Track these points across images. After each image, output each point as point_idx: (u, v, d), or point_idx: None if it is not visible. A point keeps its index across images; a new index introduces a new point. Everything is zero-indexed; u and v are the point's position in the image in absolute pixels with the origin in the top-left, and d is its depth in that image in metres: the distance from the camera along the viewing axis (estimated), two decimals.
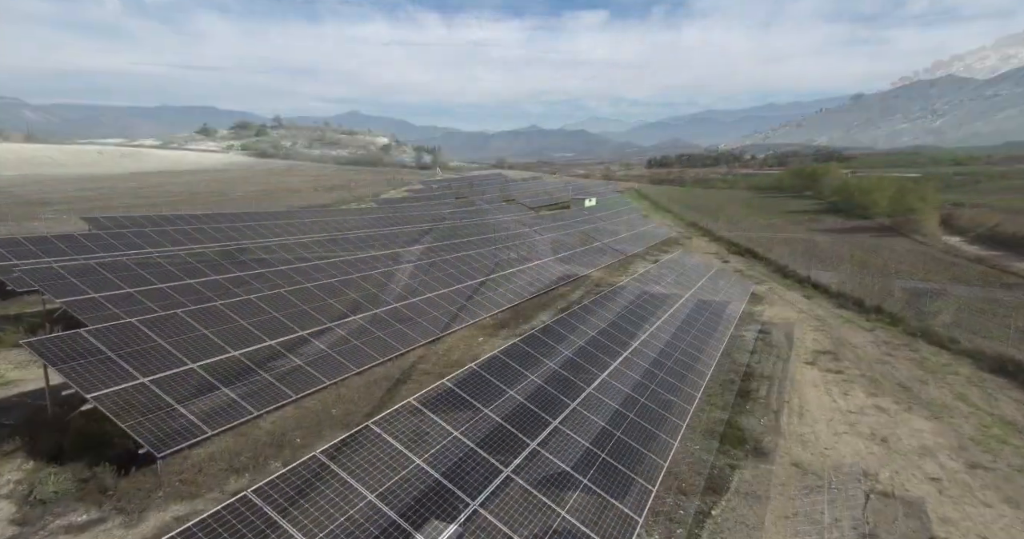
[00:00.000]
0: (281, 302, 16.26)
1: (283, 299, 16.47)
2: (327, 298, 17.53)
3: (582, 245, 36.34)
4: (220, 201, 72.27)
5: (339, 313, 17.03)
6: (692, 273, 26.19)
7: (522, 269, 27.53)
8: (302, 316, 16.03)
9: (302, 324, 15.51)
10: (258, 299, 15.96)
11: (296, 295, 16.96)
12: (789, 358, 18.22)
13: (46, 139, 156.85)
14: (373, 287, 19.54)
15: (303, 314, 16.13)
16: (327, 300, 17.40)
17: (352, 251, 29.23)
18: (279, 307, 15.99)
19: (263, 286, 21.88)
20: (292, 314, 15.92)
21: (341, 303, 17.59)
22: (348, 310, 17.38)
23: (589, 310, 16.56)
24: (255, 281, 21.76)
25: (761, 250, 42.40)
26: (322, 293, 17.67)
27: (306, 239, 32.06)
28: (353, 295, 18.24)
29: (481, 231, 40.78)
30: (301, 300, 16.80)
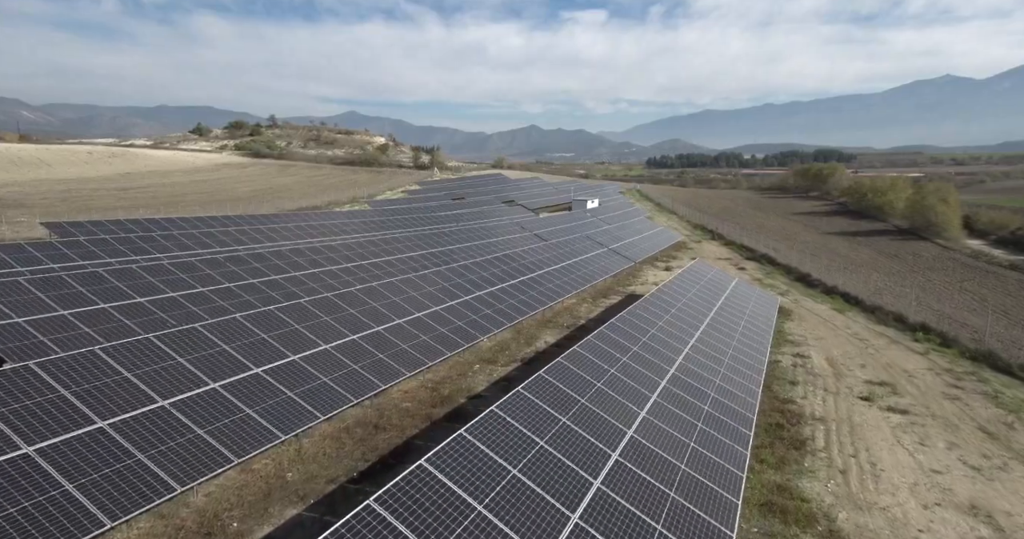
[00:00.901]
0: (235, 331, 13.50)
1: (239, 326, 13.72)
2: (293, 324, 14.77)
3: (586, 251, 33.61)
4: (208, 202, 69.51)
5: (305, 341, 14.26)
6: (712, 285, 23.47)
7: (523, 280, 24.78)
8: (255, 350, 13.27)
9: (215, 372, 12.73)
10: (205, 329, 13.20)
11: (255, 320, 14.21)
12: (839, 391, 15.49)
13: (43, 139, 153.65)
14: (354, 306, 16.79)
15: (255, 347, 13.37)
16: (291, 327, 14.63)
17: (339, 260, 26.47)
18: (231, 337, 13.23)
19: (228, 304, 19.09)
20: (245, 345, 13.17)
21: (312, 330, 14.82)
22: (318, 337, 14.61)
23: (606, 338, 13.82)
24: (203, 303, 18.99)
25: (777, 255, 39.72)
26: (289, 318, 14.90)
27: (287, 246, 29.28)
28: (326, 318, 15.47)
29: (478, 236, 38.03)
30: (261, 326, 14.05)
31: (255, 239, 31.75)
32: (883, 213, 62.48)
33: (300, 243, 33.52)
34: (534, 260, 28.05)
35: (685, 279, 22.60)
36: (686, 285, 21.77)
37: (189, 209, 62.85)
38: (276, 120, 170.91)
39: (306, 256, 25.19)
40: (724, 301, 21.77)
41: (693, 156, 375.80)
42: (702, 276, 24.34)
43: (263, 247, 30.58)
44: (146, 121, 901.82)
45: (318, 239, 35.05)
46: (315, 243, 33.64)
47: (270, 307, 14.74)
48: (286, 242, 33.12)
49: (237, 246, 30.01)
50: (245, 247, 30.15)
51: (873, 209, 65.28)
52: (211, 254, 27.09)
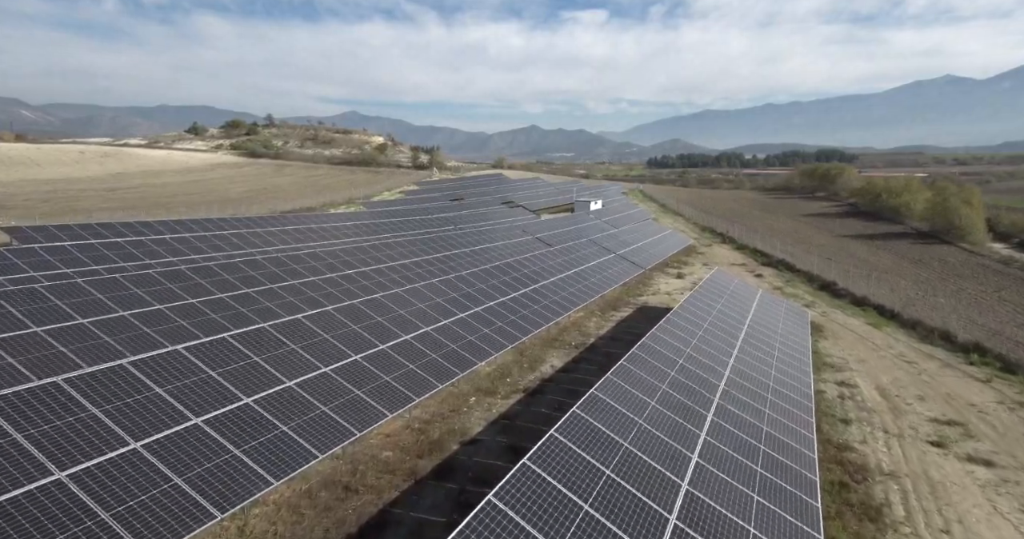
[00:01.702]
0: (172, 365, 11.10)
1: (179, 359, 11.31)
2: (256, 353, 12.34)
3: (593, 257, 31.19)
4: (199, 203, 67.09)
5: (263, 378, 11.83)
6: (736, 298, 21.06)
7: (525, 292, 22.35)
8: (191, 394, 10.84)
9: (135, 433, 10.28)
10: (131, 365, 10.78)
11: (203, 352, 11.80)
12: (902, 433, 13.07)
13: (37, 139, 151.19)
14: (331, 329, 14.37)
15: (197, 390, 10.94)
16: (247, 359, 12.22)
17: (322, 270, 24.04)
18: (165, 378, 10.82)
19: (166, 329, 16.66)
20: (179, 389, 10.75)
21: (275, 362, 12.40)
22: (283, 372, 12.18)
23: (635, 362, 11.39)
24: (147, 325, 16.58)
25: (795, 260, 37.28)
26: (246, 348, 12.48)
27: (267, 254, 26.86)
28: (293, 347, 13.04)
29: (477, 240, 35.60)
30: (208, 359, 11.64)
31: (235, 245, 29.31)
32: (899, 215, 60.03)
33: (286, 249, 31.10)
34: (537, 268, 25.63)
35: (708, 292, 20.17)
36: (710, 299, 19.34)
37: (178, 210, 60.44)
38: (273, 119, 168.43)
39: (285, 265, 22.74)
40: (753, 317, 19.34)
41: (694, 156, 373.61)
42: (724, 288, 21.90)
43: (241, 254, 28.13)
44: (146, 121, 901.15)
45: (305, 244, 32.64)
46: (301, 249, 31.22)
47: (223, 335, 12.31)
48: (270, 247, 30.70)
49: (214, 253, 27.57)
50: (223, 254, 27.71)
51: (888, 211, 62.82)
52: (175, 264, 24.63)
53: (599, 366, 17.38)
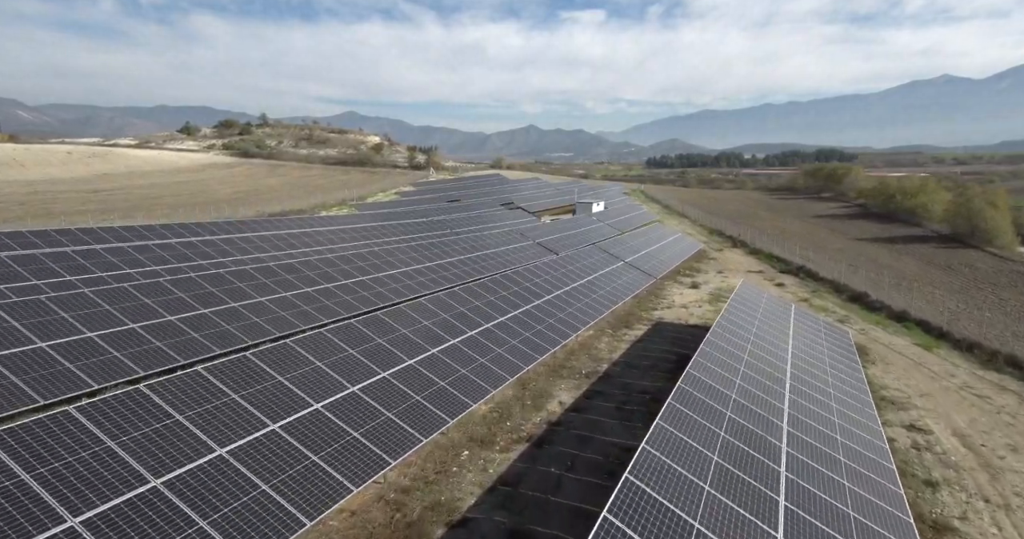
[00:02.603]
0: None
1: (71, 423, 8.53)
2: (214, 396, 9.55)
3: (600, 266, 28.44)
4: (184, 205, 64.27)
5: (186, 447, 9.03)
6: (771, 317, 18.31)
7: (528, 310, 19.59)
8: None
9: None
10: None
11: (97, 418, 9.02)
12: (1008, 504, 10.32)
13: (27, 139, 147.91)
14: (288, 369, 11.60)
15: None
16: (171, 419, 9.41)
17: (298, 284, 21.25)
18: (37, 460, 8.03)
19: (73, 368, 13.88)
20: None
21: (207, 420, 9.61)
22: (213, 436, 9.38)
23: (678, 420, 8.62)
24: (53, 365, 13.81)
25: (816, 267, 34.58)
26: (168, 404, 9.68)
27: (244, 267, 24.11)
28: (234, 396, 10.23)
29: (473, 246, 32.83)
30: (113, 425, 8.85)
31: (204, 253, 26.47)
32: (916, 217, 57.40)
33: (264, 258, 28.29)
34: (541, 280, 22.85)
35: (739, 311, 17.41)
36: (743, 319, 16.59)
37: (161, 212, 57.64)
38: (267, 119, 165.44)
39: (253, 280, 19.92)
40: (794, 342, 16.59)
41: (693, 156, 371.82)
42: (755, 304, 19.15)
43: (210, 265, 25.29)
44: (144, 121, 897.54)
45: (284, 252, 29.82)
46: (279, 258, 28.40)
47: (139, 386, 9.49)
48: (246, 256, 27.88)
49: (180, 263, 24.73)
50: (190, 264, 24.88)
51: (903, 212, 60.17)
52: (118, 278, 21.78)
53: (617, 402, 14.64)
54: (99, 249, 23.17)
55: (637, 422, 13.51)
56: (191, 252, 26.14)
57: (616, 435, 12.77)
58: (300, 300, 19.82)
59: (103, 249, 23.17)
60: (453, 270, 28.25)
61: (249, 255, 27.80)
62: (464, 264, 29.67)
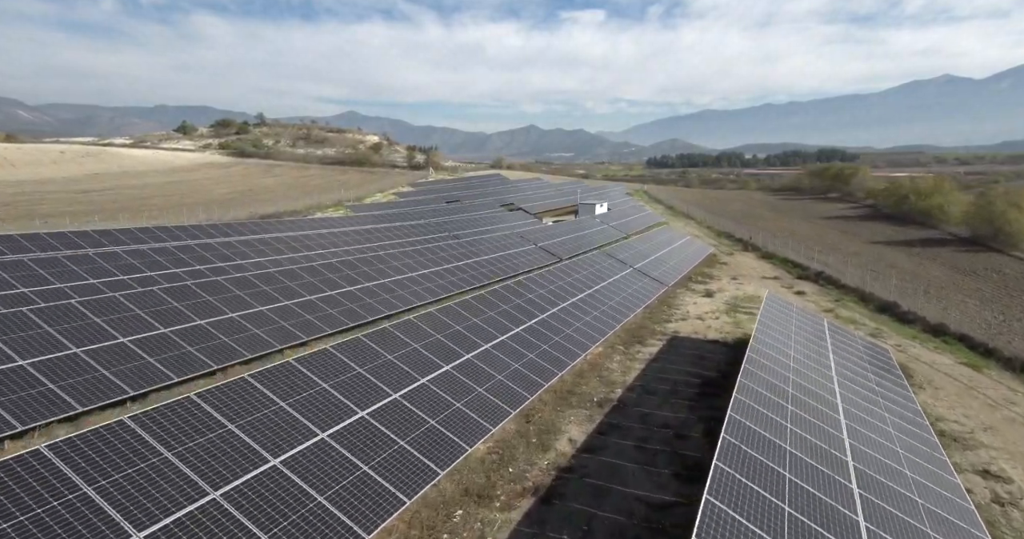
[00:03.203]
0: None
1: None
2: None
3: (608, 273, 26.43)
4: (175, 206, 62.34)
5: None
6: (806, 333, 16.30)
7: (529, 326, 17.59)
8: None
9: None
10: None
11: None
12: None
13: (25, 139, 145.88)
14: (239, 415, 9.60)
15: None
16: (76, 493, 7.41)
17: (276, 296, 19.27)
18: None
19: None
20: None
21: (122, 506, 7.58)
22: (127, 517, 7.35)
23: (736, 489, 6.63)
24: None
25: (836, 273, 32.58)
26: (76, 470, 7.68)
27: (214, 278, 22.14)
28: (167, 455, 8.23)
29: (472, 252, 30.83)
30: None
31: (179, 260, 24.43)
32: (930, 218, 55.38)
33: (244, 264, 26.29)
34: (545, 291, 20.84)
35: (772, 327, 15.39)
36: (778, 340, 14.57)
37: (149, 214, 55.70)
38: (264, 118, 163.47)
39: (223, 292, 17.90)
40: (838, 365, 14.59)
41: (694, 156, 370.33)
42: (786, 319, 17.14)
43: (182, 274, 23.27)
44: (145, 121, 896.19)
45: (269, 258, 27.80)
46: (261, 265, 26.38)
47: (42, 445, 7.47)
48: (226, 263, 25.88)
49: (150, 272, 22.71)
50: (161, 273, 22.87)
51: (917, 213, 58.14)
52: (80, 290, 19.76)
53: (636, 439, 12.64)
54: (60, 257, 21.16)
55: (662, 466, 11.51)
56: (163, 259, 24.12)
57: (639, 486, 10.76)
58: (276, 315, 17.80)
59: (64, 257, 21.16)
60: (449, 278, 26.26)
61: (230, 262, 25.78)
62: (462, 270, 27.68)
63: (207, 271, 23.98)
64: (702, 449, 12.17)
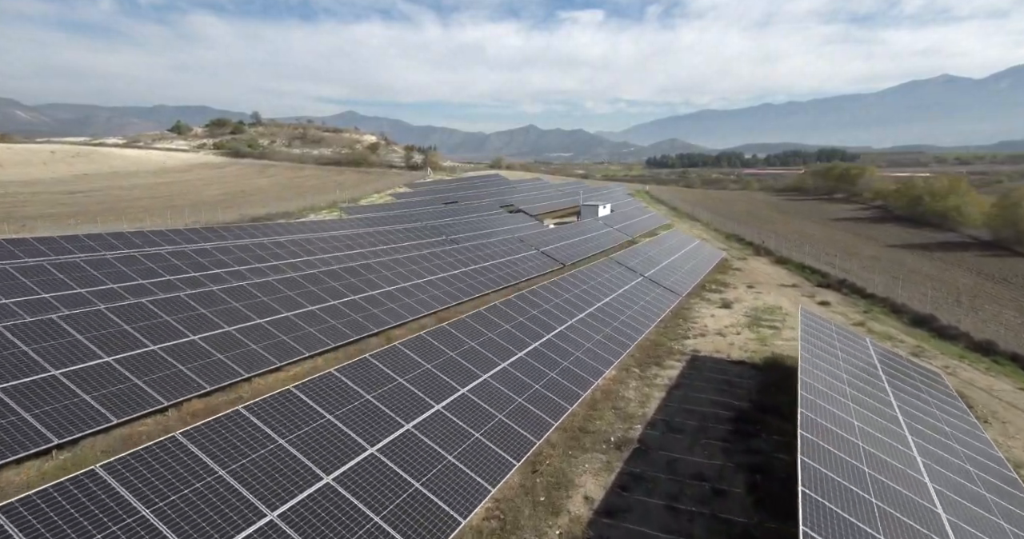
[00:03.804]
0: None
1: None
2: None
3: (616, 283, 24.26)
4: (162, 208, 60.14)
5: None
6: (851, 353, 14.14)
7: (534, 349, 15.42)
8: None
9: None
10: None
11: None
12: None
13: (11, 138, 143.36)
14: (212, 471, 7.44)
15: None
16: None
17: (259, 309, 17.09)
18: None
19: None
20: None
21: None
22: None
23: None
24: None
25: (860, 282, 30.44)
26: None
27: (155, 298, 19.97)
28: None
29: (470, 259, 28.66)
30: None
31: (141, 270, 22.21)
32: (947, 220, 53.30)
33: (222, 273, 24.08)
34: (551, 306, 18.66)
35: (816, 350, 13.21)
36: (827, 362, 12.43)
37: (134, 216, 53.52)
38: (260, 117, 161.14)
39: (181, 312, 15.69)
40: (895, 393, 12.44)
41: (694, 156, 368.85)
42: (828, 338, 14.97)
43: (134, 291, 21.07)
44: (143, 121, 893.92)
45: (248, 267, 25.60)
46: (241, 274, 24.17)
47: None
48: (199, 273, 23.68)
49: (114, 284, 20.52)
50: (126, 285, 20.67)
51: (932, 215, 56.05)
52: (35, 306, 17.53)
53: (665, 497, 10.47)
54: (10, 268, 18.94)
55: (702, 537, 9.34)
56: (162, 267, 21.91)
57: None
58: (244, 336, 15.60)
59: (13, 268, 18.94)
60: (445, 288, 24.09)
61: (204, 272, 23.58)
62: (459, 280, 25.51)
63: (207, 281, 21.79)
64: (747, 511, 10.00)
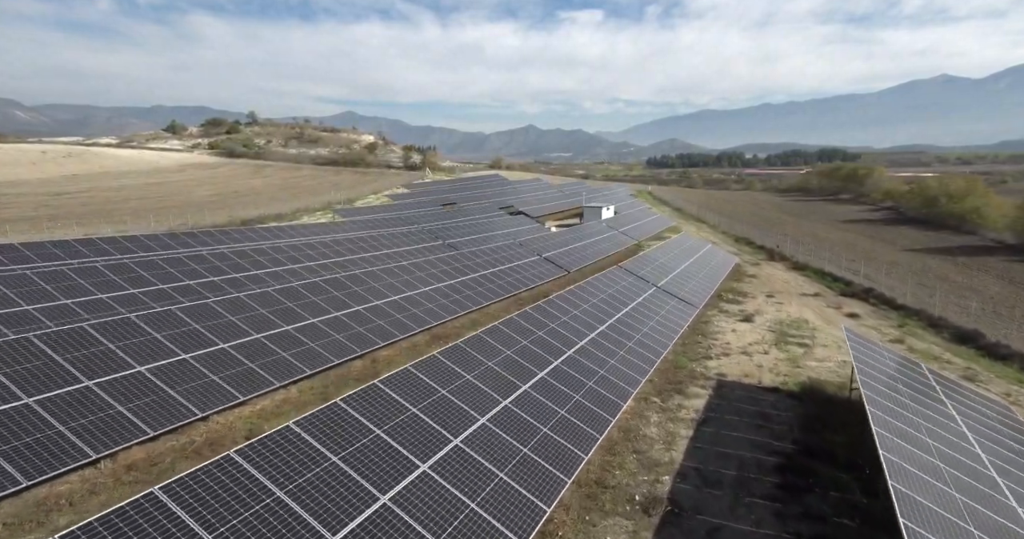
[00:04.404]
0: None
1: None
2: None
3: (629, 295, 22.09)
4: (149, 210, 57.93)
5: None
6: (914, 387, 12.00)
7: (539, 381, 13.24)
8: None
9: None
10: None
11: None
12: None
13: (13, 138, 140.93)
14: None
15: None
16: None
17: (225, 332, 14.91)
18: None
19: None
20: None
21: None
22: None
23: None
24: None
25: (888, 291, 28.29)
26: None
27: (96, 321, 17.85)
28: None
29: (467, 266, 26.47)
30: None
31: (100, 283, 20.01)
32: (965, 223, 51.18)
33: (193, 285, 21.86)
34: (558, 325, 16.47)
35: (876, 381, 11.02)
36: (889, 393, 10.25)
37: (119, 218, 51.32)
38: (256, 117, 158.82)
39: (130, 337, 13.49)
40: (970, 430, 10.28)
41: (694, 156, 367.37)
42: (882, 363, 12.80)
43: (90, 307, 18.87)
44: (142, 121, 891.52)
45: (231, 276, 23.40)
46: (217, 285, 21.95)
47: None
48: (167, 285, 21.48)
49: (49, 302, 18.31)
50: (81, 300, 18.47)
51: (948, 217, 53.92)
52: None
53: None
54: None
55: None
56: (125, 279, 19.70)
57: None
58: (205, 366, 13.39)
59: None
60: (440, 300, 21.91)
61: (172, 284, 21.36)
62: (455, 290, 23.33)
63: (164, 303, 19.57)
64: None
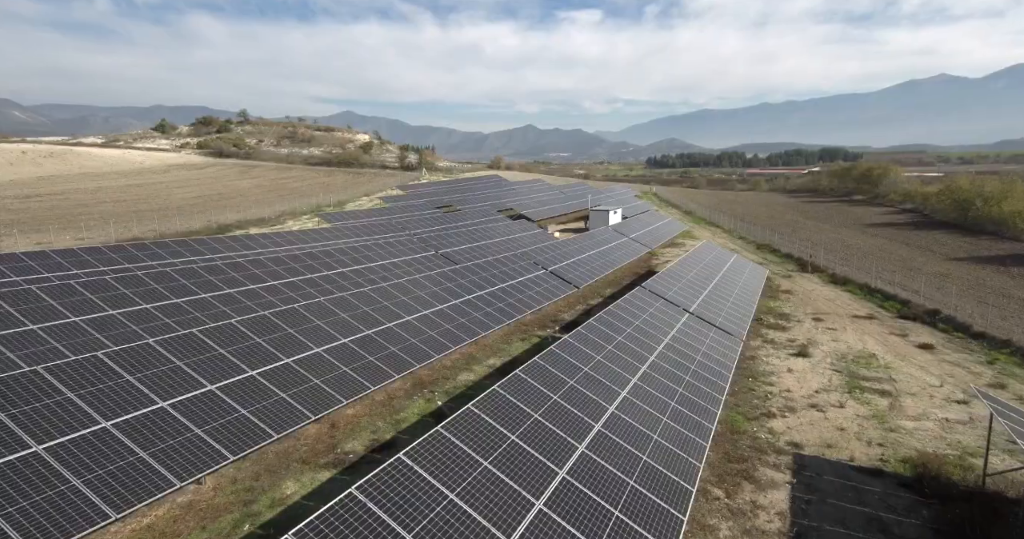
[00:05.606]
0: None
1: None
2: None
3: (658, 324, 17.86)
4: (124, 213, 53.70)
5: None
6: None
7: (562, 486, 9.03)
8: None
9: None
10: None
11: None
12: None
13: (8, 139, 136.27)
14: None
15: None
16: None
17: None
18: None
19: None
20: None
21: None
22: None
23: None
24: None
25: (955, 313, 24.10)
26: None
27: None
28: None
29: (462, 287, 22.21)
30: None
31: (30, 311, 15.68)
32: (1006, 228, 47.06)
33: (117, 314, 17.55)
34: (577, 381, 12.22)
35: None
36: None
37: (86, 224, 47.00)
38: (247, 116, 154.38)
39: (41, 390, 9.18)
40: None
41: (695, 155, 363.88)
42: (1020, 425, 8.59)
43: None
44: (141, 121, 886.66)
45: (181, 300, 19.10)
46: (150, 314, 17.63)
47: None
48: (102, 314, 17.19)
49: None
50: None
51: (986, 221, 49.76)
52: None
53: None
54: None
55: None
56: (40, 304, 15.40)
57: None
58: (65, 455, 9.13)
59: None
60: (427, 334, 17.63)
61: (90, 315, 17.06)
62: (447, 318, 19.05)
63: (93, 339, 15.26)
64: None
